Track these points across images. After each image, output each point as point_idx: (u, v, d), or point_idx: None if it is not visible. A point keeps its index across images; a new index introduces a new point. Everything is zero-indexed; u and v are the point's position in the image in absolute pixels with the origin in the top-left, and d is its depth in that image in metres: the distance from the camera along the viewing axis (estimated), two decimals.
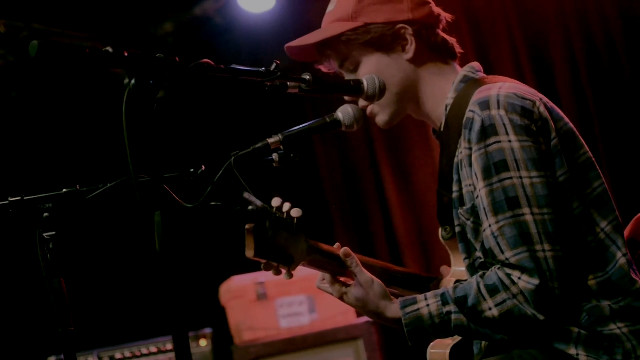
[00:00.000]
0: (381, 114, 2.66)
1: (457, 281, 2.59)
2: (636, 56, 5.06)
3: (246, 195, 2.30)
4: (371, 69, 2.60)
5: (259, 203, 2.32)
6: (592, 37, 5.19)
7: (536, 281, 2.27)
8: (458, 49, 2.69)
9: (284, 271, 2.45)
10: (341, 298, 2.56)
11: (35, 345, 5.83)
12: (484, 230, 2.37)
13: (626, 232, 2.59)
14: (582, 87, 5.23)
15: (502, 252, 2.31)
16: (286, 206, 2.42)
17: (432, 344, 2.62)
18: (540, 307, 2.27)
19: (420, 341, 2.44)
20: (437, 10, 2.67)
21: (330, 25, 2.64)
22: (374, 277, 2.52)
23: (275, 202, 2.40)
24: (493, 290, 2.32)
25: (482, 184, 2.35)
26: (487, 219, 2.34)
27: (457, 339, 2.57)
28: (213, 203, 2.22)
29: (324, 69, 2.70)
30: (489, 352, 2.50)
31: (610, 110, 5.15)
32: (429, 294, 2.43)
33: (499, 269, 2.33)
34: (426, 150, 5.92)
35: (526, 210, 2.30)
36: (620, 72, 5.11)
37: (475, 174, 2.37)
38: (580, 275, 2.36)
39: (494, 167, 2.33)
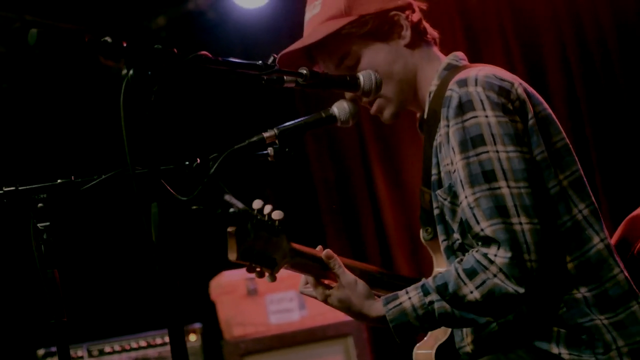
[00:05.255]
0: (388, 107, 2.66)
1: None
2: (628, 59, 5.08)
3: (227, 197, 2.28)
4: (372, 60, 2.60)
5: (240, 205, 2.30)
6: (585, 39, 5.21)
7: (509, 253, 2.27)
8: (434, 31, 2.70)
9: (267, 274, 2.45)
10: (325, 301, 2.55)
11: (27, 337, 5.81)
12: (460, 202, 2.38)
13: (618, 233, 2.61)
14: (574, 89, 5.25)
15: (478, 223, 2.33)
16: (267, 208, 2.39)
17: (417, 344, 2.63)
18: (519, 279, 2.27)
19: (408, 336, 2.44)
20: None
21: (322, 25, 2.61)
22: (357, 278, 2.51)
23: (256, 204, 2.37)
24: (471, 273, 2.33)
25: (458, 157, 2.37)
26: (464, 190, 2.36)
27: (442, 339, 2.57)
28: (194, 207, 2.20)
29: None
30: (477, 347, 2.51)
31: (602, 111, 5.17)
32: (409, 288, 2.43)
33: (476, 252, 2.33)
34: (417, 148, 5.91)
35: (502, 183, 2.32)
36: (612, 74, 5.12)
37: (452, 148, 2.39)
38: (557, 255, 2.36)
39: (470, 141, 2.35)
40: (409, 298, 2.41)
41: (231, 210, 2.28)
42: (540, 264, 2.28)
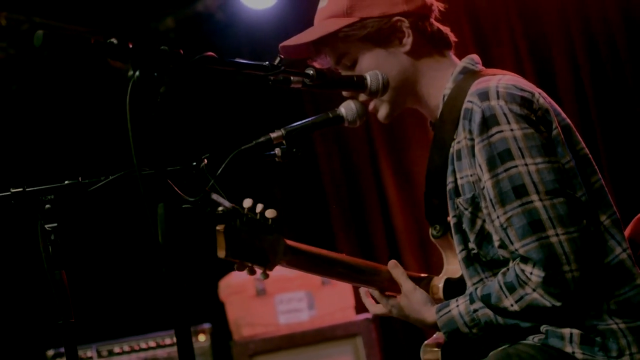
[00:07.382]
0: (382, 108, 2.64)
1: (448, 279, 2.63)
2: (637, 57, 5.06)
3: (214, 197, 2.30)
4: (369, 65, 2.58)
5: (227, 204, 2.33)
6: (594, 39, 5.20)
7: (543, 273, 2.27)
8: (453, 38, 2.67)
9: (259, 271, 2.46)
10: (390, 312, 2.64)
11: (35, 337, 5.83)
12: (493, 221, 2.37)
13: (627, 232, 2.59)
14: (583, 89, 5.24)
15: (512, 243, 2.33)
16: (259, 207, 2.42)
17: (425, 341, 2.64)
18: (556, 295, 2.28)
19: (462, 341, 2.48)
20: None
21: (325, 22, 2.60)
22: (416, 285, 2.59)
23: (247, 203, 2.40)
24: (511, 288, 2.34)
25: (487, 176, 2.35)
26: (495, 210, 2.35)
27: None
28: (185, 205, 2.21)
29: (317, 65, 2.64)
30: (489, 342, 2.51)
31: (610, 111, 5.16)
32: (460, 297, 2.48)
33: (516, 265, 2.34)
34: (426, 148, 5.89)
35: (534, 197, 2.30)
36: (621, 73, 5.11)
37: (480, 166, 2.37)
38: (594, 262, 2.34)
39: (498, 157, 2.33)
40: (457, 306, 2.45)
41: (220, 208, 2.30)
42: (582, 271, 2.27)
